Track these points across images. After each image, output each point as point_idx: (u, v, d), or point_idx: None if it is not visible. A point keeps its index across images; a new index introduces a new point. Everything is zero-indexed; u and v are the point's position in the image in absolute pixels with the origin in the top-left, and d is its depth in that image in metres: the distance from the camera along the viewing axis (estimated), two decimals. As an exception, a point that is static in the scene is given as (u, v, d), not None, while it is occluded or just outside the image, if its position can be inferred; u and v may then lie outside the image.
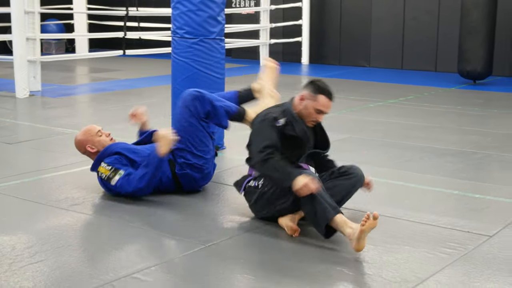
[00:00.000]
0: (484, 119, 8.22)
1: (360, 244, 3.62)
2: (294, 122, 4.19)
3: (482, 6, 11.02)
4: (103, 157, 4.79)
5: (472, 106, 9.05)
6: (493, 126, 7.69)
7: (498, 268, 3.58)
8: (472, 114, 8.39)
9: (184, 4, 5.99)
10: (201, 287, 3.32)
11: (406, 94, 10.21)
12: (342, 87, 10.90)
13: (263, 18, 14.51)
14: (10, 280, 3.35)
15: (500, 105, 9.24)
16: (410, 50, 13.80)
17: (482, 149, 6.41)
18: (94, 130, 4.97)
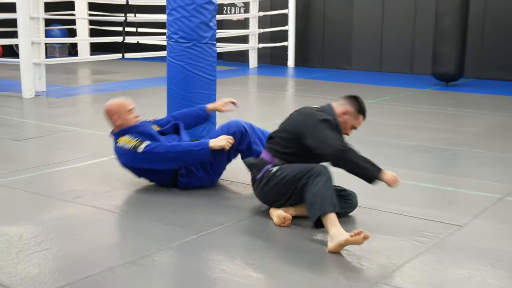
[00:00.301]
0: (456, 118, 8.25)
1: (337, 249, 3.58)
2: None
3: (455, 13, 11.05)
4: (128, 132, 4.76)
5: (445, 106, 9.09)
6: (464, 124, 7.73)
7: (468, 255, 3.61)
8: (444, 114, 8.43)
9: (178, 11, 5.99)
10: (195, 273, 3.34)
11: (383, 95, 10.24)
12: (325, 88, 10.93)
13: (252, 24, 14.51)
14: (18, 267, 3.36)
15: (471, 105, 9.28)
16: (388, 54, 13.83)
17: (454, 146, 6.44)
18: (127, 107, 4.89)
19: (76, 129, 7.23)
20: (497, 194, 4.79)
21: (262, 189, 4.16)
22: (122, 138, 4.72)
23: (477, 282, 3.25)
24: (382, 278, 3.28)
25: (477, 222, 4.18)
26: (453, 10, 11.07)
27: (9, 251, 3.58)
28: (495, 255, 3.62)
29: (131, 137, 4.68)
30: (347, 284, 3.23)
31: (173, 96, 6.15)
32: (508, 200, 4.67)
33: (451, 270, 3.40)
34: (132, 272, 3.33)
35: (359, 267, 3.44)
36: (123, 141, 4.69)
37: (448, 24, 11.11)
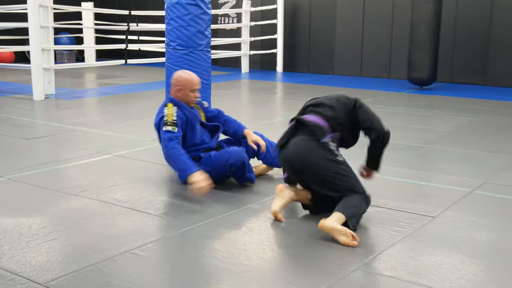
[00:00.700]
0: (429, 119, 8.26)
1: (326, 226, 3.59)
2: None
3: (428, 23, 11.07)
4: (178, 106, 4.70)
5: (419, 107, 9.10)
6: (436, 124, 7.74)
7: (440, 244, 3.62)
8: (419, 115, 8.44)
9: (176, 21, 5.98)
10: (190, 261, 3.33)
11: (363, 97, 10.19)
12: (310, 91, 10.91)
13: (244, 33, 14.50)
14: (27, 255, 3.34)
15: (443, 107, 9.30)
16: (368, 60, 13.84)
17: (427, 144, 6.45)
18: (193, 86, 4.76)
19: (83, 128, 7.21)
20: (466, 188, 4.80)
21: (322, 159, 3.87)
22: (170, 105, 4.70)
23: (448, 268, 3.25)
24: (362, 265, 3.28)
25: (448, 213, 4.18)
26: (427, 21, 11.09)
27: (19, 241, 3.56)
28: (465, 243, 3.63)
29: (175, 112, 4.64)
30: (330, 270, 3.23)
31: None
32: (477, 193, 4.67)
33: (424, 257, 3.41)
34: (132, 260, 3.32)
35: (341, 255, 3.44)
36: (168, 109, 4.67)
37: (422, 34, 11.14)
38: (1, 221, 3.92)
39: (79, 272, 3.15)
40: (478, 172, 5.32)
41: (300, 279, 3.10)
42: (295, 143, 3.97)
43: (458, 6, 12.48)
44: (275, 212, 3.92)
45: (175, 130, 4.54)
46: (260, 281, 3.07)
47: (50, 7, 9.97)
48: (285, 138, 4.04)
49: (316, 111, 4.11)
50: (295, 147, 3.95)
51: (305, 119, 4.02)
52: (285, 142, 4.02)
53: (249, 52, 14.62)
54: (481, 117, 8.33)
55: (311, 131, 3.95)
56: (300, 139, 3.97)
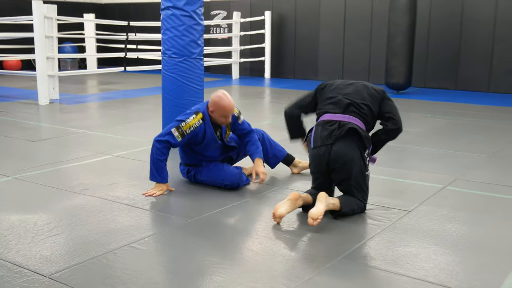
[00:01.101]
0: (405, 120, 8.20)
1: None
2: None
3: (404, 34, 11.12)
4: (203, 120, 4.48)
5: (395, 110, 9.11)
6: (411, 126, 7.75)
7: (415, 235, 3.62)
8: (395, 117, 8.44)
9: (171, 31, 5.98)
10: (184, 253, 3.32)
11: (345, 101, 10.24)
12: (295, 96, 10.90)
13: (234, 42, 14.50)
14: (33, 249, 3.32)
15: (417, 109, 9.33)
16: (349, 67, 13.87)
17: (402, 144, 6.46)
18: (225, 113, 4.45)
19: (85, 131, 7.17)
20: (439, 184, 4.81)
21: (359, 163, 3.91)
22: (197, 117, 4.46)
23: (423, 258, 3.25)
24: (344, 255, 3.28)
25: (422, 208, 4.19)
26: (402, 32, 11.14)
27: (25, 236, 3.54)
28: (438, 235, 3.63)
29: (194, 127, 4.43)
30: (313, 259, 3.22)
31: (167, 103, 6.14)
32: (449, 189, 4.69)
33: (401, 248, 3.41)
34: (131, 253, 3.30)
35: (323, 246, 3.44)
36: (193, 119, 4.43)
37: (398, 43, 11.18)
38: (9, 217, 3.89)
39: (82, 264, 3.12)
40: (449, 169, 5.34)
41: (287, 271, 3.09)
42: (345, 147, 3.87)
43: (431, 18, 12.54)
44: (281, 216, 3.74)
45: (179, 139, 4.40)
46: (250, 272, 3.06)
47: (54, 18, 9.94)
48: (332, 139, 3.88)
49: (356, 112, 3.99)
50: (345, 152, 3.86)
51: (357, 127, 3.90)
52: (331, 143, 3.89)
53: (239, 59, 14.62)
54: (452, 119, 8.36)
55: (360, 141, 3.93)
56: (349, 147, 3.88)
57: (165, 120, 6.19)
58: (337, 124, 3.93)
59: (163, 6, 5.99)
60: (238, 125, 4.72)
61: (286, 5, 14.69)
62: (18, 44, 14.23)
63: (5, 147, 6.29)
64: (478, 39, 12.07)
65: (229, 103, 4.46)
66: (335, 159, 3.88)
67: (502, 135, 7.13)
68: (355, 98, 4.03)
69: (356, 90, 4.10)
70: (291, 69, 14.86)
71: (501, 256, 3.30)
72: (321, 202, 3.69)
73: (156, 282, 2.94)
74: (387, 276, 3.03)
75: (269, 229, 3.72)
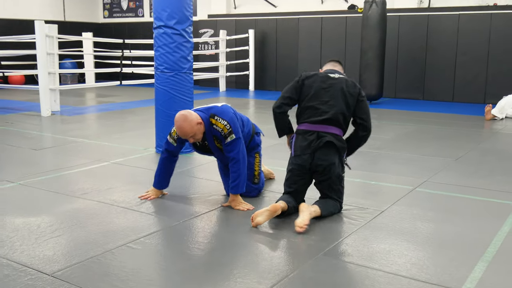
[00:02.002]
0: (377, 128, 8.32)
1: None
2: None
3: (375, 49, 11.19)
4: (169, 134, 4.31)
5: (369, 119, 9.14)
6: (383, 133, 7.80)
7: (388, 233, 3.63)
8: (369, 125, 8.47)
9: (163, 48, 5.96)
10: (177, 252, 3.30)
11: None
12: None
13: (221, 57, 14.49)
14: (36, 250, 3.28)
15: (388, 118, 9.38)
16: (325, 80, 13.90)
17: (375, 149, 6.49)
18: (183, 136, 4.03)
19: (84, 140, 7.11)
20: (409, 186, 4.82)
21: (338, 169, 3.94)
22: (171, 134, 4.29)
23: (396, 254, 3.26)
24: (324, 252, 3.27)
25: (394, 208, 4.20)
26: (374, 47, 11.21)
27: (29, 237, 3.49)
28: (410, 233, 3.64)
29: (174, 131, 4.23)
30: (295, 256, 3.22)
31: (160, 113, 6.11)
32: (418, 191, 4.70)
33: (375, 245, 3.41)
34: (128, 253, 3.27)
35: (304, 244, 3.43)
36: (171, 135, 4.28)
37: (370, 58, 11.24)
38: (14, 220, 3.84)
39: (82, 263, 3.09)
40: (419, 172, 5.36)
41: (273, 267, 3.08)
42: (325, 154, 3.89)
43: (399, 35, 12.62)
44: (258, 224, 3.67)
45: (174, 144, 4.29)
46: (239, 269, 3.05)
47: (55, 37, 9.87)
48: (311, 149, 3.88)
49: (333, 121, 3.93)
50: (325, 158, 3.88)
51: (333, 139, 3.90)
52: (311, 151, 3.88)
53: (225, 73, 14.62)
54: (420, 126, 8.41)
55: (338, 151, 3.94)
56: (329, 154, 3.89)
57: (158, 129, 6.16)
58: (315, 135, 3.92)
59: (156, 25, 5.97)
60: (224, 145, 4.14)
61: (268, 24, 14.72)
62: (22, 61, 14.12)
63: (10, 155, 6.22)
64: (442, 53, 12.18)
65: (179, 126, 4.00)
66: (317, 164, 3.90)
67: (466, 140, 7.18)
68: (333, 108, 3.96)
69: (333, 96, 3.97)
70: (273, 82, 14.87)
71: (467, 252, 3.31)
72: (304, 212, 3.70)
73: (151, 279, 2.91)
74: (363, 271, 3.03)
75: (254, 230, 3.70)
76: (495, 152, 6.43)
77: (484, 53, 11.73)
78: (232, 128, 4.10)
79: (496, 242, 3.47)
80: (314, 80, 4.08)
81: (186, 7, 5.95)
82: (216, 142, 4.22)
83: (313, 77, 4.10)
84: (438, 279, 2.92)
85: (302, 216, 3.67)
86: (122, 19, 18.13)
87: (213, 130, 4.12)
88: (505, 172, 5.41)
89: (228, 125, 4.10)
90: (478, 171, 5.46)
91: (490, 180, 5.08)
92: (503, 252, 3.30)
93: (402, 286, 2.84)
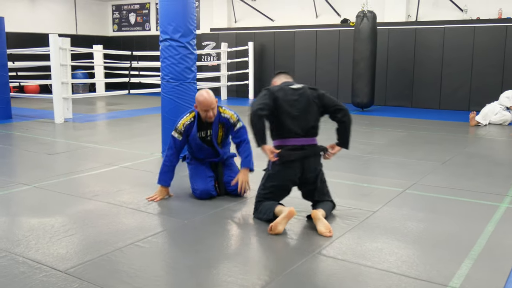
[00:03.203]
0: (369, 134, 8.32)
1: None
2: None
3: (366, 60, 11.20)
4: (195, 118, 4.34)
5: (360, 125, 9.16)
6: (375, 138, 7.80)
7: (380, 232, 3.62)
8: (361, 131, 8.49)
9: (169, 59, 5.96)
10: (183, 250, 3.29)
11: (318, 118, 10.26)
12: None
13: (222, 68, 14.51)
14: (50, 248, 3.27)
15: (380, 125, 9.38)
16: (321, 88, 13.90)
17: (367, 154, 6.49)
18: (205, 107, 4.21)
19: (95, 145, 7.11)
20: (399, 188, 4.82)
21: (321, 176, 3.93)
22: (190, 115, 4.34)
23: (387, 252, 3.25)
24: (319, 251, 3.26)
25: (386, 209, 4.19)
26: (365, 58, 11.22)
27: (44, 236, 3.48)
28: (400, 232, 3.63)
29: (187, 123, 4.30)
30: (292, 254, 3.21)
31: (166, 120, 6.10)
32: (408, 193, 4.69)
33: (368, 243, 3.40)
34: (136, 251, 3.26)
35: (301, 243, 3.42)
36: (186, 117, 4.33)
37: (362, 68, 11.25)
38: (29, 220, 3.83)
39: (93, 261, 3.08)
40: (408, 175, 5.35)
41: (272, 264, 3.08)
42: (314, 162, 3.88)
43: (389, 48, 12.64)
44: (278, 233, 3.56)
45: (179, 138, 4.32)
46: (240, 266, 3.04)
47: (68, 49, 9.89)
48: (298, 165, 3.82)
49: (313, 131, 3.90)
50: (315, 167, 3.88)
51: (318, 151, 3.91)
52: (295, 159, 3.81)
53: (227, 83, 14.63)
54: (409, 132, 8.40)
55: (318, 161, 3.93)
56: (316, 162, 3.90)
57: (165, 135, 6.15)
58: (301, 150, 3.80)
59: (162, 38, 5.98)
60: (233, 132, 4.41)
61: (266, 37, 14.74)
62: (37, 71, 14.12)
63: (25, 159, 6.21)
64: (429, 64, 12.20)
65: (205, 98, 4.20)
66: (306, 177, 3.86)
67: (453, 145, 7.18)
68: (308, 119, 3.85)
69: (305, 107, 3.86)
70: (272, 91, 14.86)
71: (455, 250, 3.31)
72: (321, 219, 3.62)
73: (158, 276, 2.90)
74: (357, 268, 3.02)
75: (255, 230, 3.70)
76: (480, 156, 6.43)
77: (468, 64, 11.74)
78: (238, 117, 4.47)
79: (481, 240, 3.46)
80: (284, 93, 3.83)
81: (190, 21, 5.95)
82: (220, 131, 4.42)
83: (280, 91, 3.85)
84: (427, 275, 2.91)
85: (323, 223, 3.60)
86: (130, 33, 18.15)
87: (221, 117, 4.39)
88: (489, 175, 5.41)
89: (235, 115, 4.46)
90: (464, 174, 5.45)
91: (475, 182, 5.08)
92: (488, 250, 3.29)
93: (393, 282, 2.83)
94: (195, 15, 6.04)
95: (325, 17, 14.02)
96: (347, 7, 13.53)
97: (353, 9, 13.04)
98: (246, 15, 15.44)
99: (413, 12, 12.66)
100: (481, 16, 11.80)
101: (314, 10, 14.12)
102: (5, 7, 15.32)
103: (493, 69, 11.48)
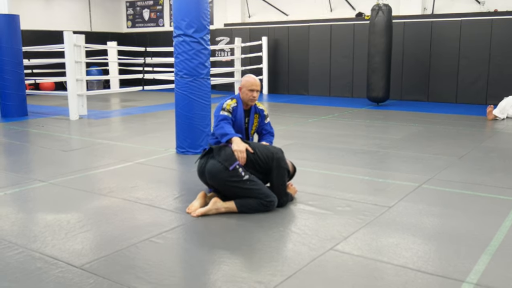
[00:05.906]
0: (384, 128, 8.27)
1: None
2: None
3: (382, 53, 11.13)
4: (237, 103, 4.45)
5: (376, 120, 9.12)
6: (390, 133, 7.75)
7: (396, 228, 3.60)
8: (376, 125, 8.45)
9: (182, 55, 5.97)
10: (197, 246, 3.30)
11: (332, 113, 10.26)
12: (289, 109, 10.93)
13: (236, 63, 14.50)
14: (66, 244, 3.30)
15: (395, 119, 9.32)
16: (335, 83, 13.88)
17: (383, 149, 6.45)
18: (251, 86, 4.43)
19: (110, 142, 7.16)
20: (415, 183, 4.79)
21: (227, 180, 3.95)
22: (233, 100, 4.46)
23: (403, 247, 3.23)
24: (334, 246, 3.25)
25: (401, 204, 4.17)
26: (381, 52, 11.14)
27: (60, 232, 3.52)
28: (415, 227, 3.61)
29: (233, 105, 4.43)
30: (307, 250, 3.20)
31: (180, 116, 6.13)
32: (424, 188, 4.66)
33: (384, 239, 3.38)
34: (151, 246, 3.28)
35: (316, 238, 3.41)
36: (230, 100, 4.44)
37: (377, 62, 11.18)
38: (45, 217, 3.88)
39: (108, 256, 3.11)
40: (424, 170, 5.32)
41: (286, 260, 3.07)
42: (211, 165, 4.03)
43: (404, 40, 12.55)
44: (196, 211, 3.89)
45: (230, 115, 4.39)
46: (253, 262, 3.04)
47: (83, 46, 9.95)
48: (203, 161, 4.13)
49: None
50: (210, 169, 4.02)
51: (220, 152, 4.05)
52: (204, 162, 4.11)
53: (240, 78, 14.59)
54: (425, 127, 8.34)
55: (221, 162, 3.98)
56: (214, 165, 4.01)
57: (179, 131, 6.17)
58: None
59: (175, 34, 5.99)
60: (263, 123, 4.68)
61: (280, 32, 14.71)
62: (52, 69, 14.27)
63: (41, 156, 6.28)
64: (445, 57, 12.08)
65: (253, 78, 4.49)
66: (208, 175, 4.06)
67: (469, 140, 7.11)
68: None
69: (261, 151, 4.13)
70: (285, 86, 14.86)
71: (471, 245, 3.28)
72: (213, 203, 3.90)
73: (173, 271, 2.91)
74: (372, 264, 3.01)
75: (267, 227, 3.70)
76: (497, 151, 6.36)
77: (486, 57, 11.62)
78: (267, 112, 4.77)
79: (498, 236, 3.43)
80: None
81: (203, 17, 5.96)
82: (255, 120, 4.64)
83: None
84: (443, 271, 2.89)
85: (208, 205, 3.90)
86: (144, 29, 18.23)
87: (257, 109, 4.64)
88: (507, 170, 5.35)
89: (266, 109, 4.72)
90: (481, 168, 5.40)
91: (492, 177, 5.03)
92: (505, 246, 3.26)
93: (409, 277, 2.82)
94: (208, 10, 6.04)
95: (340, 11, 13.95)
96: (362, 1, 13.45)
97: (368, 3, 12.97)
98: (260, 10, 15.42)
99: (429, 5, 12.55)
100: (499, 8, 11.65)
101: (329, 4, 14.06)
102: (20, 5, 15.47)
103: (511, 62, 11.34)
